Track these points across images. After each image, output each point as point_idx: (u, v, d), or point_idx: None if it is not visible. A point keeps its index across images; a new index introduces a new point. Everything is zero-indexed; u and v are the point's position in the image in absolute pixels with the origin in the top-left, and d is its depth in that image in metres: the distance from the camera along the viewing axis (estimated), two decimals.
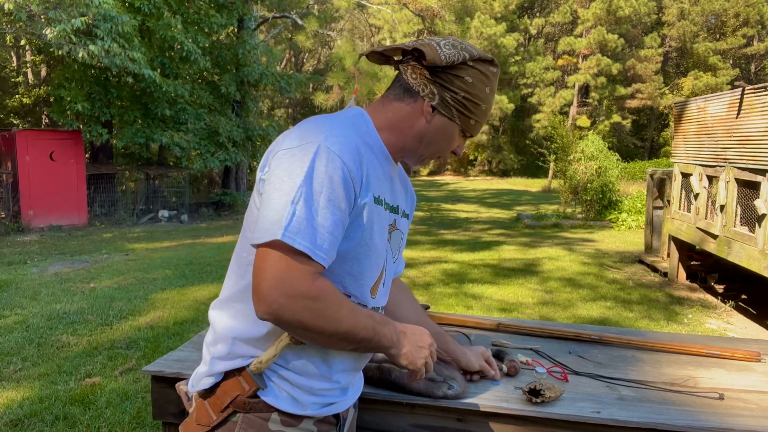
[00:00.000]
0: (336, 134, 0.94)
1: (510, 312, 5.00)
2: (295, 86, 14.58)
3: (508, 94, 27.65)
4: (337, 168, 0.91)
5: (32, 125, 17.03)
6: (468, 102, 1.03)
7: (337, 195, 0.90)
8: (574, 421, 1.24)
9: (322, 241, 0.89)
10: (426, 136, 1.05)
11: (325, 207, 0.89)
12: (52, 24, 7.76)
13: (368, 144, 1.02)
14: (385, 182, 1.05)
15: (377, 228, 1.02)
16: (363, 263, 1.01)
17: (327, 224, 0.89)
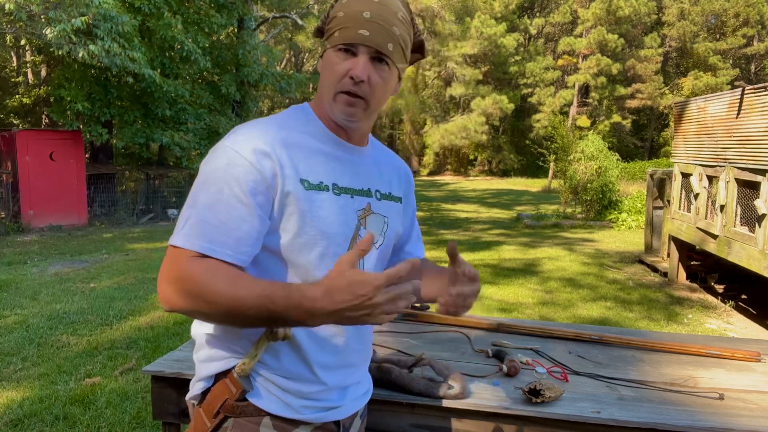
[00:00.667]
0: (243, 133, 0.95)
1: (510, 312, 5.00)
2: (295, 86, 14.58)
3: (508, 94, 27.65)
4: (237, 165, 0.91)
5: (32, 125, 17.03)
6: (331, 21, 1.00)
7: (237, 191, 0.90)
8: (574, 421, 1.24)
9: (215, 235, 0.89)
10: (320, 83, 1.02)
11: (224, 204, 0.90)
12: (52, 24, 7.76)
13: (304, 133, 1.00)
14: (332, 166, 1.01)
15: (326, 214, 0.98)
16: (311, 253, 0.98)
17: (223, 219, 0.90)
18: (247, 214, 0.91)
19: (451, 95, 29.81)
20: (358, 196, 1.05)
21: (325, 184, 1.00)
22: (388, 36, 0.97)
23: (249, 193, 0.91)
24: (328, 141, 1.03)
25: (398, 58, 1.00)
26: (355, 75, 0.95)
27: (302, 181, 0.97)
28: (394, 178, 1.17)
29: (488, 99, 26.74)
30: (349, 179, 1.04)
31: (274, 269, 0.98)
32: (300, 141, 0.99)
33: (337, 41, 0.97)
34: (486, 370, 1.48)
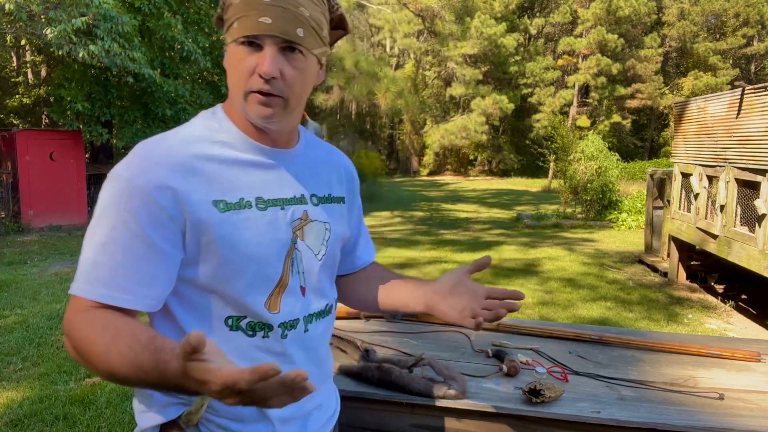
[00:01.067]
0: (139, 156, 0.83)
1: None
2: None
3: (508, 94, 27.64)
4: (131, 196, 0.80)
5: (32, 125, 17.03)
6: (228, 9, 0.86)
7: (133, 226, 0.80)
8: (574, 421, 1.24)
9: (114, 280, 0.79)
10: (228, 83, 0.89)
11: (120, 242, 0.80)
12: (52, 24, 7.76)
13: (215, 144, 0.88)
14: (255, 177, 0.89)
15: (251, 235, 0.86)
16: (238, 282, 0.86)
17: (121, 260, 0.80)
18: (148, 252, 0.81)
19: (451, 95, 29.81)
20: (290, 205, 0.93)
21: (247, 201, 0.88)
22: (296, 20, 0.83)
23: (147, 228, 0.80)
24: (248, 148, 0.90)
25: (313, 43, 0.87)
26: (264, 72, 0.82)
27: (216, 203, 0.84)
28: (333, 178, 1.05)
29: (488, 99, 26.74)
30: (276, 189, 0.92)
31: (198, 301, 0.87)
32: (210, 155, 0.87)
33: (237, 34, 0.84)
34: (486, 370, 1.48)
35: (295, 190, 0.95)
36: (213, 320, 0.88)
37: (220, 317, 0.88)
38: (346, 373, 1.42)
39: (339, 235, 1.03)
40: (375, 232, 9.77)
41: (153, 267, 0.81)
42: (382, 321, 1.85)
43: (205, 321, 0.88)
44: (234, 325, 0.88)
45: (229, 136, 0.90)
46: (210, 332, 0.87)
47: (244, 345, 0.88)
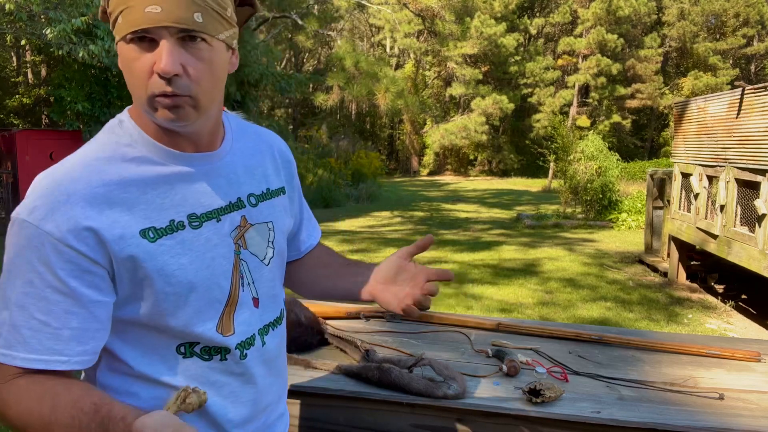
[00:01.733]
0: (41, 194, 0.72)
1: (510, 312, 5.00)
2: (296, 86, 14.59)
3: (508, 94, 27.64)
4: (42, 244, 0.70)
5: (32, 125, 17.03)
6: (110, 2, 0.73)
7: (50, 278, 0.70)
8: (574, 421, 1.24)
9: (39, 343, 0.71)
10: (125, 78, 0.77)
11: (39, 298, 0.70)
12: (52, 24, 7.76)
13: (131, 161, 0.76)
14: (182, 192, 0.79)
15: (190, 260, 0.78)
16: (183, 312, 0.78)
17: (44, 319, 0.71)
18: (72, 305, 0.72)
19: (451, 95, 29.82)
20: (226, 214, 0.83)
21: (179, 221, 0.78)
22: (191, 4, 0.70)
23: (67, 279, 0.71)
24: (167, 159, 0.78)
25: (216, 28, 0.74)
26: (162, 71, 0.70)
27: (144, 232, 0.75)
28: (269, 167, 0.94)
29: (488, 99, 26.74)
30: (208, 199, 0.81)
31: (143, 335, 0.80)
32: (126, 177, 0.75)
33: (124, 30, 0.71)
34: (486, 370, 1.48)
35: (229, 195, 0.85)
36: (163, 351, 0.81)
37: (170, 347, 0.81)
38: (346, 373, 1.42)
39: (283, 230, 0.95)
40: (375, 232, 9.77)
41: (80, 321, 0.72)
42: (382, 321, 1.85)
43: (154, 355, 0.80)
44: (187, 352, 0.81)
45: (143, 149, 0.78)
46: (161, 364, 0.80)
47: (202, 370, 0.83)
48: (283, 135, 15.14)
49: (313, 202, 13.68)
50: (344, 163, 17.68)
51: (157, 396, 0.80)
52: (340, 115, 30.95)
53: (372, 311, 1.89)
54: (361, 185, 15.83)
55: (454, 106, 31.54)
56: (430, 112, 29.25)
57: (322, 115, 29.61)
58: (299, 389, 1.35)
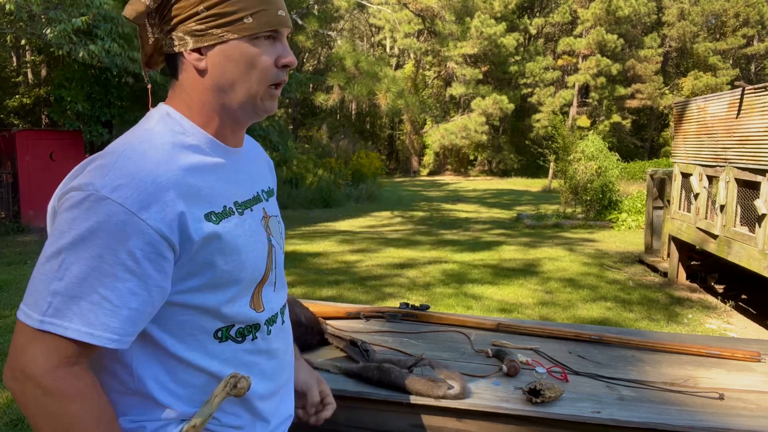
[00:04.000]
0: (121, 173, 0.73)
1: (510, 312, 5.00)
2: (296, 86, 14.57)
3: (508, 94, 27.64)
4: (122, 222, 0.71)
5: (32, 125, 17.03)
6: (217, 6, 0.79)
7: (125, 257, 0.72)
8: (574, 421, 1.24)
9: (95, 316, 0.71)
10: (220, 82, 0.82)
11: (106, 274, 0.71)
12: (52, 24, 7.76)
13: (189, 149, 0.81)
14: (228, 181, 0.86)
15: (243, 243, 0.84)
16: (232, 289, 0.84)
17: (106, 295, 0.71)
18: (139, 286, 0.73)
19: (451, 95, 29.81)
20: (255, 205, 0.92)
21: (229, 207, 0.84)
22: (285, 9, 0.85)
23: (142, 260, 0.73)
24: (215, 150, 0.86)
25: None
26: (292, 63, 0.83)
27: (208, 216, 0.79)
28: (265, 170, 1.04)
29: (488, 99, 26.74)
30: (243, 190, 0.90)
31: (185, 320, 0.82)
32: (192, 163, 0.80)
33: (257, 29, 0.80)
34: (486, 370, 1.48)
35: (252, 188, 0.94)
36: (201, 336, 0.84)
37: (209, 331, 0.84)
38: (346, 373, 1.42)
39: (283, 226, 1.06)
40: (375, 232, 9.77)
41: (140, 302, 0.74)
42: (382, 321, 1.86)
43: (193, 340, 0.84)
44: (224, 336, 0.86)
45: (196, 139, 0.84)
46: (198, 349, 0.84)
47: (235, 353, 0.88)
48: (283, 135, 15.12)
49: (313, 202, 13.67)
50: (344, 163, 17.68)
51: (198, 383, 0.85)
52: (340, 115, 30.95)
53: (372, 311, 1.89)
54: (361, 185, 15.82)
55: (454, 106, 31.54)
56: (430, 112, 29.25)
57: (322, 115, 29.61)
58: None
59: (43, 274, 0.72)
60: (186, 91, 0.85)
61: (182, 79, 0.85)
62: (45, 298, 0.71)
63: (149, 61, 0.89)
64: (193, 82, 0.84)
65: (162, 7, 0.81)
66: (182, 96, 0.86)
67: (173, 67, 0.86)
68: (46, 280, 0.71)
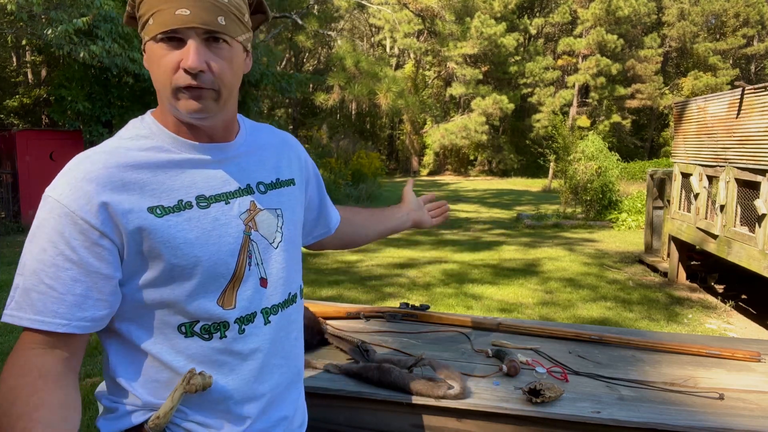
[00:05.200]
0: (66, 174, 0.81)
1: (510, 312, 5.00)
2: (296, 86, 14.57)
3: (508, 94, 27.64)
4: (59, 216, 0.78)
5: (32, 125, 17.03)
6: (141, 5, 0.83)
7: (63, 247, 0.78)
8: (574, 421, 1.24)
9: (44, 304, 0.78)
10: (154, 77, 0.85)
11: (50, 265, 0.78)
12: (53, 24, 7.76)
13: (147, 150, 0.85)
14: (192, 177, 0.87)
15: (197, 235, 0.85)
16: (188, 282, 0.85)
17: (51, 284, 0.78)
18: (79, 273, 0.79)
19: (451, 95, 29.81)
20: (235, 198, 0.91)
21: (186, 201, 0.86)
22: (216, 8, 0.81)
23: (78, 249, 0.79)
24: (181, 148, 0.88)
25: (236, 30, 0.85)
26: (190, 66, 0.79)
27: (151, 209, 0.82)
28: (282, 160, 1.04)
29: (488, 99, 26.74)
30: (219, 184, 0.90)
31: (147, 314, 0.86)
32: (140, 162, 0.84)
33: (155, 30, 0.80)
34: (486, 370, 1.48)
35: (240, 181, 0.93)
36: (166, 331, 0.87)
37: (173, 326, 0.86)
38: (346, 373, 1.42)
39: (293, 219, 1.02)
40: None
41: (84, 288, 0.80)
42: (382, 321, 1.86)
43: (159, 334, 0.87)
44: (188, 331, 0.87)
45: (160, 140, 0.87)
46: (164, 343, 0.87)
47: (202, 350, 0.88)
48: None
49: None
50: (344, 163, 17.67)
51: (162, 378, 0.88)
52: (340, 115, 30.95)
53: (372, 311, 1.89)
54: (361, 185, 15.81)
55: (454, 106, 31.54)
56: (430, 112, 29.25)
57: (322, 115, 29.61)
58: None
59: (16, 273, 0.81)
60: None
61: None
62: (12, 293, 0.81)
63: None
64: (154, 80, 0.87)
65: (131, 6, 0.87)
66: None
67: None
68: (15, 276, 0.81)
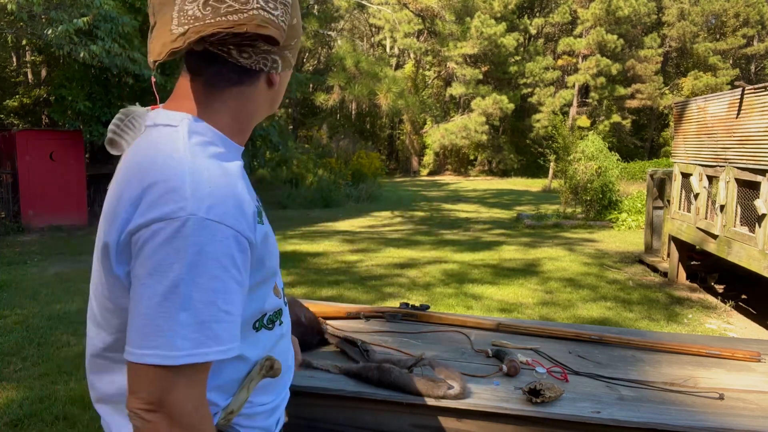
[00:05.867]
0: (207, 191, 0.75)
1: (510, 312, 5.00)
2: (296, 86, 14.57)
3: (508, 94, 27.63)
4: (225, 239, 0.74)
5: (32, 125, 17.03)
6: (299, 40, 0.92)
7: (234, 272, 0.76)
8: (574, 421, 1.24)
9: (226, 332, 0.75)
10: (277, 96, 0.94)
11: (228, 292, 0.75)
12: (53, 24, 7.76)
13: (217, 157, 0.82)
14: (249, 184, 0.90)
15: (273, 245, 0.91)
16: (270, 283, 0.91)
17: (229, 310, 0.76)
18: (241, 292, 0.79)
19: (451, 95, 29.80)
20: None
21: (258, 205, 0.87)
22: None
23: (242, 268, 0.78)
24: (236, 153, 0.89)
25: None
26: None
27: (256, 215, 0.84)
28: None
29: (488, 99, 26.74)
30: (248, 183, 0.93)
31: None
32: (231, 170, 0.83)
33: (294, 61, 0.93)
34: (486, 370, 1.48)
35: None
36: (245, 332, 0.87)
37: (249, 326, 0.89)
38: (346, 373, 1.42)
39: None
40: (375, 232, 9.77)
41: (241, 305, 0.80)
42: (382, 321, 1.86)
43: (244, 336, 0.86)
44: (259, 325, 0.91)
45: (222, 146, 0.85)
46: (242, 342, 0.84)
47: (269, 340, 0.93)
48: (283, 135, 15.13)
49: (313, 202, 13.67)
50: (344, 163, 17.67)
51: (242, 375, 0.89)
52: (340, 115, 30.95)
53: (372, 311, 1.89)
54: (361, 185, 15.82)
55: (454, 106, 31.54)
56: (430, 112, 29.26)
57: (322, 115, 29.60)
58: (299, 389, 1.35)
59: (163, 311, 0.71)
60: (239, 102, 0.87)
61: (243, 90, 0.86)
62: (177, 333, 0.71)
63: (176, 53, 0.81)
64: (256, 97, 0.89)
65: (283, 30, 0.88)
66: (228, 104, 0.86)
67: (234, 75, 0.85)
68: (168, 315, 0.71)
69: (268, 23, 0.79)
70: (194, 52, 0.83)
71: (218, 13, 0.77)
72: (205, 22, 0.76)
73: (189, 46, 0.77)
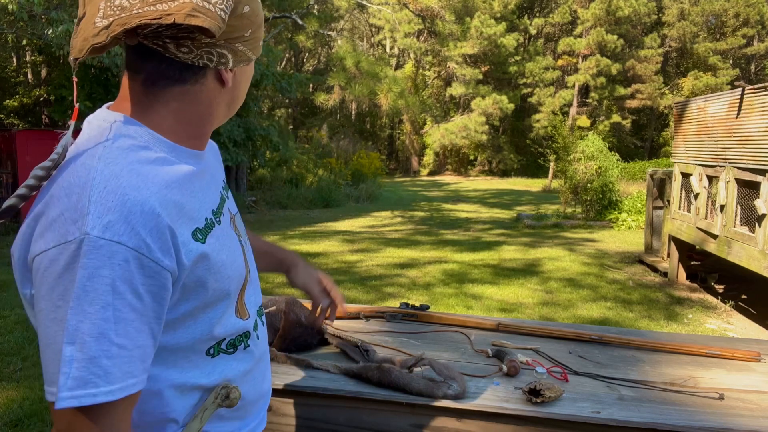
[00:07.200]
0: (111, 204, 0.65)
1: (510, 312, 5.00)
2: (296, 86, 14.58)
3: (508, 94, 27.65)
4: (124, 263, 0.65)
5: (32, 125, 17.03)
6: (256, 32, 0.80)
7: (131, 297, 0.65)
8: (574, 421, 1.24)
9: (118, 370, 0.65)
10: (235, 96, 0.84)
11: (118, 322, 0.65)
12: (54, 24, 7.76)
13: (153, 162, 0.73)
14: (204, 189, 0.81)
15: (227, 254, 0.80)
16: (221, 305, 0.81)
17: (123, 343, 0.65)
18: (141, 321, 0.67)
19: (451, 95, 29.82)
20: (224, 206, 0.87)
21: (209, 219, 0.79)
22: None
23: (144, 296, 0.67)
24: (181, 157, 0.78)
25: None
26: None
27: (194, 234, 0.74)
28: (216, 159, 0.96)
29: (488, 99, 26.75)
30: (213, 194, 0.84)
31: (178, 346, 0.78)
32: (167, 178, 0.73)
33: (257, 54, 0.82)
34: (486, 370, 1.48)
35: (217, 188, 0.88)
36: (194, 358, 0.80)
37: (201, 352, 0.81)
38: (346, 373, 1.42)
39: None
40: (375, 232, 9.77)
41: (144, 337, 0.68)
42: (382, 321, 1.86)
43: (188, 362, 0.80)
44: (215, 351, 0.82)
45: (159, 149, 0.75)
46: (193, 369, 0.80)
47: (230, 366, 0.85)
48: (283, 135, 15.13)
49: (313, 202, 13.67)
50: (344, 163, 17.69)
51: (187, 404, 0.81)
52: (340, 115, 30.96)
53: (372, 311, 1.89)
54: (361, 185, 15.83)
55: (454, 106, 31.55)
56: (430, 112, 29.27)
57: (322, 115, 29.62)
58: (299, 389, 1.35)
59: (51, 343, 0.65)
60: (184, 102, 0.77)
61: (187, 89, 0.76)
62: (61, 370, 0.63)
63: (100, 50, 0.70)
64: (206, 96, 0.78)
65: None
66: (171, 106, 0.76)
67: (175, 71, 0.75)
68: (57, 350, 0.64)
69: (201, 12, 0.68)
70: (131, 48, 0.73)
71: (146, 2, 0.67)
72: (131, 13, 0.67)
73: (114, 42, 0.67)
